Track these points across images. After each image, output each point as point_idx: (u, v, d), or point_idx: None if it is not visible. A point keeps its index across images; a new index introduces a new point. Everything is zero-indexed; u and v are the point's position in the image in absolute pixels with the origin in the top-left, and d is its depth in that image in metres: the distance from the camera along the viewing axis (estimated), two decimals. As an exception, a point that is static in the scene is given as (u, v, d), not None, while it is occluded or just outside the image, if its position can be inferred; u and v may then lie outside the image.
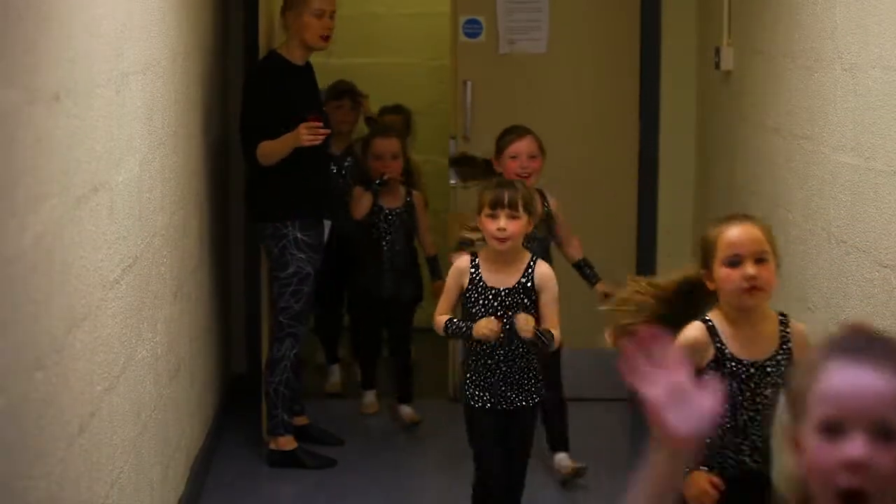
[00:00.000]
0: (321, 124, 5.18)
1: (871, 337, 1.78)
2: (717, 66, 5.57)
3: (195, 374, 5.07)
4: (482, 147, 5.99)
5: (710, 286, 3.34)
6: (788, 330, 3.36)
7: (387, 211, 5.95)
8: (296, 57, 5.40)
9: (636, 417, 6.20)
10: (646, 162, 6.27)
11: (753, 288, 3.25)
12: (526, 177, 4.90)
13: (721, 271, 3.28)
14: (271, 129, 5.27)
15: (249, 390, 5.93)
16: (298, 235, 5.34)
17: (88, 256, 3.13)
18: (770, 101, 4.87)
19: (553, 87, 6.22)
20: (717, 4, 5.63)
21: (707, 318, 3.36)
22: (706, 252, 3.34)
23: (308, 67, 5.46)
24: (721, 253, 3.28)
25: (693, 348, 3.27)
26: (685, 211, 6.24)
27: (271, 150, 5.26)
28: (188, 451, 4.88)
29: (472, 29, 6.19)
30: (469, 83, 6.19)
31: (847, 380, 1.72)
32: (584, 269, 5.22)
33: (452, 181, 5.73)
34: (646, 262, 6.32)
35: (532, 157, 5.01)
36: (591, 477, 5.25)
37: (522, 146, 5.01)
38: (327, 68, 6.10)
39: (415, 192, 6.03)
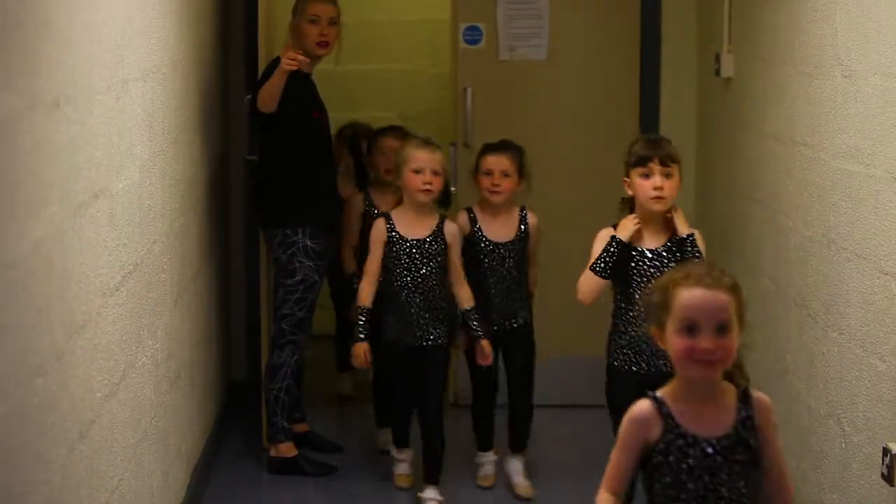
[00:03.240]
0: (301, 53, 5.17)
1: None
2: (718, 72, 5.57)
3: (195, 381, 5.07)
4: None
5: (662, 346, 2.82)
6: (750, 402, 2.83)
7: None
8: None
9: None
10: (646, 168, 6.25)
11: (709, 361, 2.73)
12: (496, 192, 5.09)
13: (674, 338, 2.76)
14: (278, 128, 5.29)
15: (250, 397, 5.92)
16: (308, 243, 5.33)
17: (89, 263, 3.12)
18: (770, 107, 4.87)
19: (553, 93, 6.22)
20: (717, 11, 5.63)
21: (656, 393, 2.85)
22: (660, 306, 2.81)
23: (308, 76, 5.48)
24: (676, 315, 2.75)
25: (642, 423, 2.83)
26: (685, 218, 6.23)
27: (269, 90, 5.20)
28: (188, 458, 4.88)
29: (473, 36, 6.19)
30: (469, 90, 6.18)
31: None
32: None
33: (452, 188, 5.68)
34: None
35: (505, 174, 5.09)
36: (579, 483, 5.23)
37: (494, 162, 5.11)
38: (333, 75, 6.09)
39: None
